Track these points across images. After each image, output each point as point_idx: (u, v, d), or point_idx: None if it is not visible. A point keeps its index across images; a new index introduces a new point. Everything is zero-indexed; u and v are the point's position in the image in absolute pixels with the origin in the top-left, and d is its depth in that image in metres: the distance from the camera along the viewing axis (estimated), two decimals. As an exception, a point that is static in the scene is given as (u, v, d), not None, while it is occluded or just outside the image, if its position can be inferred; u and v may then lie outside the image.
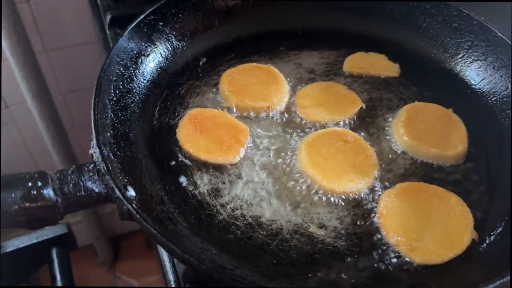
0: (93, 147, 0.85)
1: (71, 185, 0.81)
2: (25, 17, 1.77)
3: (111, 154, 0.90)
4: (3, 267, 1.16)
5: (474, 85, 1.21)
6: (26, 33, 1.78)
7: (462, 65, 1.25)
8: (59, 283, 1.18)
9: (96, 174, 0.82)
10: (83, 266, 2.78)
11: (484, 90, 1.19)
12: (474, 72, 1.22)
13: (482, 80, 1.20)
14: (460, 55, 1.25)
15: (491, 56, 1.19)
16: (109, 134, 0.95)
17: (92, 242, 2.72)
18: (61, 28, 1.89)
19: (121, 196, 0.77)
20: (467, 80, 1.23)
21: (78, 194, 0.80)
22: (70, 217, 2.04)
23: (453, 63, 1.26)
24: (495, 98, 1.16)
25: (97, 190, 0.82)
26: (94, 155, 0.83)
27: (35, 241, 1.18)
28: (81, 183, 0.81)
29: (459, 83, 1.23)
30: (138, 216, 0.75)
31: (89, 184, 0.81)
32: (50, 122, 2.02)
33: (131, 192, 0.86)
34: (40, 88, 1.91)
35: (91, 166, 0.83)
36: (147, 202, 0.89)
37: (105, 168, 0.81)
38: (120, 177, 0.88)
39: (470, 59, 1.24)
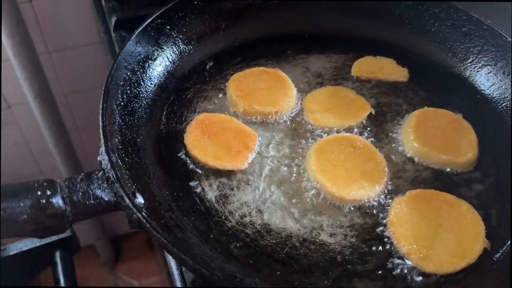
0: (101, 154, 0.84)
1: (80, 193, 0.79)
2: (27, 18, 1.76)
3: (119, 160, 0.89)
4: (6, 270, 1.15)
5: (484, 90, 1.20)
6: (28, 33, 1.76)
7: (471, 70, 1.24)
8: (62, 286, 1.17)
9: (105, 182, 0.81)
10: (84, 266, 2.78)
11: (494, 95, 1.18)
12: (484, 78, 1.21)
13: (492, 85, 1.19)
14: (470, 60, 1.24)
15: (501, 61, 1.18)
16: (117, 140, 0.94)
17: (93, 243, 2.71)
18: (63, 29, 1.88)
19: (130, 205, 0.76)
20: (476, 86, 1.21)
21: (87, 202, 0.79)
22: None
23: (463, 68, 1.25)
24: (505, 104, 1.15)
25: (106, 199, 0.81)
26: (103, 162, 0.82)
27: (38, 244, 1.17)
28: (90, 192, 0.80)
29: (469, 89, 1.21)
30: (148, 225, 0.74)
31: (98, 192, 0.80)
32: (52, 123, 2.01)
33: (140, 200, 0.85)
34: (43, 89, 1.90)
35: (100, 173, 0.82)
36: (156, 210, 0.88)
37: (114, 176, 0.80)
38: (129, 184, 0.87)
39: (480, 64, 1.23)
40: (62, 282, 1.18)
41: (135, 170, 0.93)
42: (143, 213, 0.77)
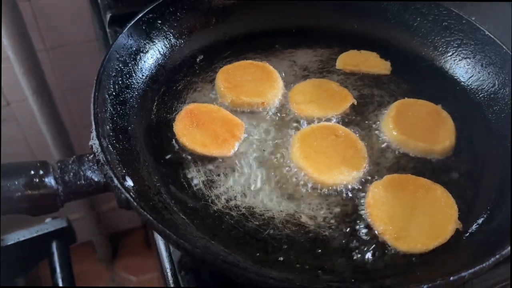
0: (92, 139, 0.89)
1: (72, 174, 0.84)
2: (26, 15, 1.81)
3: (110, 146, 0.94)
4: (4, 260, 1.19)
5: (463, 82, 1.25)
6: (27, 31, 1.81)
7: (451, 63, 1.28)
8: (59, 276, 1.21)
9: (96, 164, 0.86)
10: (82, 262, 2.81)
11: (472, 87, 1.22)
12: (463, 70, 1.26)
13: (470, 77, 1.24)
14: (450, 53, 1.29)
15: (479, 54, 1.23)
16: (108, 127, 0.98)
17: (91, 239, 2.75)
18: (61, 27, 1.93)
19: (119, 185, 0.81)
20: (456, 78, 1.26)
21: (78, 183, 0.84)
22: (69, 213, 2.07)
23: (443, 61, 1.30)
24: (482, 94, 1.20)
25: (96, 179, 0.85)
26: (94, 146, 0.87)
27: (35, 234, 1.21)
28: (81, 172, 0.85)
29: (449, 81, 1.26)
30: (135, 204, 0.79)
31: (88, 173, 0.85)
32: (50, 119, 2.06)
33: (129, 183, 0.90)
34: (40, 85, 1.95)
35: (91, 156, 0.87)
36: (145, 193, 0.93)
37: (104, 159, 0.85)
38: (119, 168, 0.91)
39: (459, 57, 1.27)
40: (58, 272, 1.22)
41: (126, 156, 0.98)
42: (131, 193, 0.81)
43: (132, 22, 1.15)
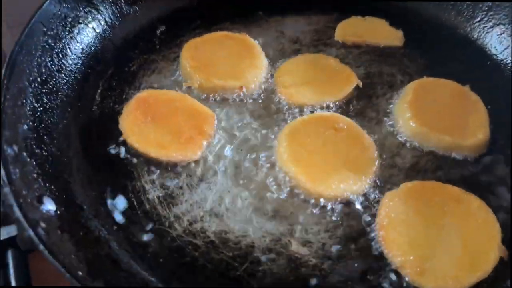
0: (-9, 147, 0.63)
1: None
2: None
3: (24, 153, 0.69)
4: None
5: (496, 55, 1.01)
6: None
7: (480, 31, 1.04)
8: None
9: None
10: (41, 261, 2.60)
11: (508, 61, 0.98)
12: (496, 39, 1.01)
13: (505, 49, 0.99)
14: (478, 19, 1.05)
15: (517, 19, 0.97)
16: (26, 127, 0.73)
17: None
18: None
19: (21, 218, 0.55)
20: (486, 49, 1.02)
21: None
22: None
23: (469, 28, 1.06)
24: (522, 70, 0.95)
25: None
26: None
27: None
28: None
29: (477, 53, 1.02)
30: (43, 247, 0.53)
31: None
32: None
33: (49, 206, 0.65)
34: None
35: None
36: (74, 218, 0.69)
37: (4, 177, 0.59)
38: (36, 186, 0.66)
39: (491, 23, 1.03)
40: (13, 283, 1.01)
41: (51, 165, 0.73)
42: (40, 229, 0.56)
43: (65, -18, 0.88)
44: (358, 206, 0.77)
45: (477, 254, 0.70)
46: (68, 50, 0.88)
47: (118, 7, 0.98)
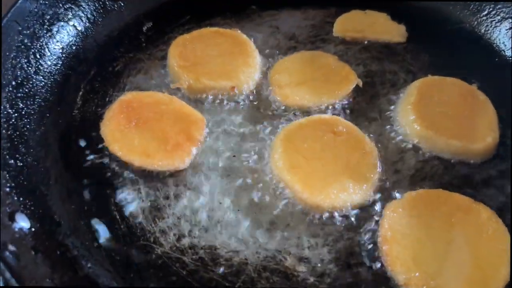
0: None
1: None
2: None
3: (-5, 166, 0.62)
4: None
5: (504, 51, 0.95)
6: None
7: (487, 25, 0.99)
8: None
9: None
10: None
11: None
12: (504, 34, 0.96)
13: None
14: (485, 12, 0.99)
15: (528, 12, 0.92)
16: (-3, 136, 0.67)
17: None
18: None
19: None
20: (494, 45, 0.97)
21: None
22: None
23: (476, 22, 1.00)
24: (533, 68, 0.89)
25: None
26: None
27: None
28: None
29: (484, 50, 0.97)
30: (13, 280, 0.48)
31: None
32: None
33: (22, 223, 0.59)
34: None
35: None
36: (51, 235, 0.63)
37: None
38: (9, 201, 0.61)
39: (499, 17, 0.97)
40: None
41: (26, 177, 0.67)
42: (8, 253, 0.50)
43: (42, -23, 0.82)
44: (359, 217, 0.71)
45: (487, 269, 0.66)
46: (47, 50, 0.82)
47: (101, 2, 0.92)
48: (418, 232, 0.69)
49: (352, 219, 0.71)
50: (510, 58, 0.92)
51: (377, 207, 0.72)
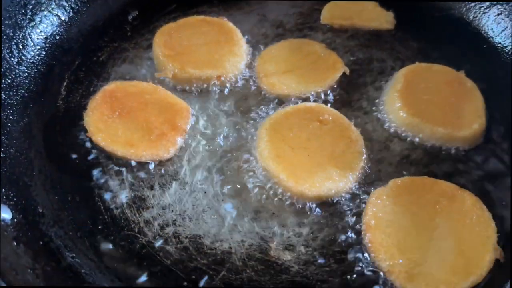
0: None
1: None
2: None
3: (-24, 157, 0.62)
4: None
5: (493, 37, 0.94)
6: None
7: (476, 12, 0.97)
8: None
9: None
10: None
11: (506, 44, 0.92)
12: (493, 21, 0.95)
13: (503, 30, 0.93)
14: None
15: (516, -2, 0.90)
16: (-21, 127, 0.66)
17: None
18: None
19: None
20: (483, 32, 0.95)
21: None
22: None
23: (464, 9, 0.99)
24: (521, 54, 0.88)
25: None
26: None
27: None
28: None
29: (473, 36, 0.96)
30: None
31: None
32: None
33: (4, 214, 0.60)
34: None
35: None
36: (33, 225, 0.63)
37: None
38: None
39: (487, 3, 0.96)
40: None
41: (9, 169, 0.67)
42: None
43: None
44: (343, 205, 0.71)
45: (471, 256, 0.65)
46: (29, 40, 0.81)
47: (85, -10, 0.90)
48: (402, 220, 0.69)
49: (337, 207, 0.71)
50: (498, 45, 0.91)
51: (362, 195, 0.72)
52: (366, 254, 0.66)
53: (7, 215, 0.60)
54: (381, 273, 0.64)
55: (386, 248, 0.66)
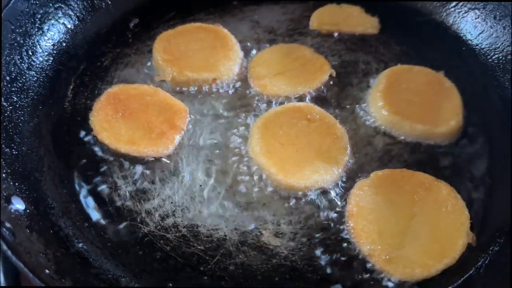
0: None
1: None
2: None
3: (-8, 154, 0.68)
4: None
5: (471, 40, 0.99)
6: None
7: (455, 16, 1.02)
8: None
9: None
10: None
11: (482, 46, 0.97)
12: (471, 24, 1.00)
13: (480, 33, 0.98)
14: (453, 4, 1.03)
15: (492, 3, 0.96)
16: (-7, 127, 0.72)
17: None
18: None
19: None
20: (461, 35, 1.01)
21: None
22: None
23: (444, 14, 1.04)
24: (496, 56, 0.94)
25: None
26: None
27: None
28: None
29: (453, 39, 1.01)
30: (9, 252, 0.53)
31: None
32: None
33: (18, 205, 0.65)
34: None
35: None
36: (44, 216, 0.68)
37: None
38: (5, 186, 0.66)
39: (466, 8, 1.01)
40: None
41: (21, 164, 0.73)
42: (5, 229, 0.56)
43: (32, -22, 0.86)
44: (329, 197, 0.77)
45: (445, 241, 0.70)
46: (38, 47, 0.87)
47: (89, 1, 0.97)
48: (383, 208, 0.74)
49: (323, 198, 0.77)
50: (476, 47, 0.97)
51: (347, 186, 0.78)
52: (349, 240, 0.72)
53: (20, 206, 0.65)
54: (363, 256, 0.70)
55: (367, 233, 0.71)
